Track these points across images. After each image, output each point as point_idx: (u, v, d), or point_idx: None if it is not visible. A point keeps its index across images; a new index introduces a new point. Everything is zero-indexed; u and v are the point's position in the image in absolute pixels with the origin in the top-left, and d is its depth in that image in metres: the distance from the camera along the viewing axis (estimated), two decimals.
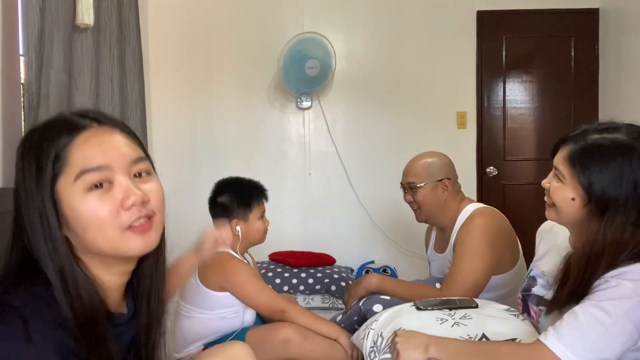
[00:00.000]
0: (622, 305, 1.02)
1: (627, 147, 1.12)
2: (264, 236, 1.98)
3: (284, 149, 3.52)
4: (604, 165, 1.12)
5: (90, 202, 0.78)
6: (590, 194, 1.13)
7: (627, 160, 1.11)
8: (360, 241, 3.48)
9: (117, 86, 2.52)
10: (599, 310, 1.03)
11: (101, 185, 0.79)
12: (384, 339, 1.38)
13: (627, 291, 1.03)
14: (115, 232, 0.80)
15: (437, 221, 2.00)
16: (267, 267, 2.95)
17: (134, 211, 0.81)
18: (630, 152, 1.11)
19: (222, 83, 3.47)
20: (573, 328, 1.04)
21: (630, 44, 3.16)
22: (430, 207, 1.94)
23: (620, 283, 1.05)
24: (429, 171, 1.94)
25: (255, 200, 1.93)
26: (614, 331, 1.02)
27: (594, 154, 1.14)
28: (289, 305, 1.83)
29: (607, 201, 1.11)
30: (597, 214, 1.13)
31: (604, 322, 1.02)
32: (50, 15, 2.08)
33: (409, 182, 1.96)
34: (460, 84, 3.51)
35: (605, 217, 1.11)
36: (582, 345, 1.02)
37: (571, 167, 1.16)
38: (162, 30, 3.40)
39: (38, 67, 2.05)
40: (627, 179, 1.10)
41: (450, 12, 3.48)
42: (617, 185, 1.11)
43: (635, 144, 1.13)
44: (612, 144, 1.13)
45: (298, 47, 3.22)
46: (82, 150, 0.79)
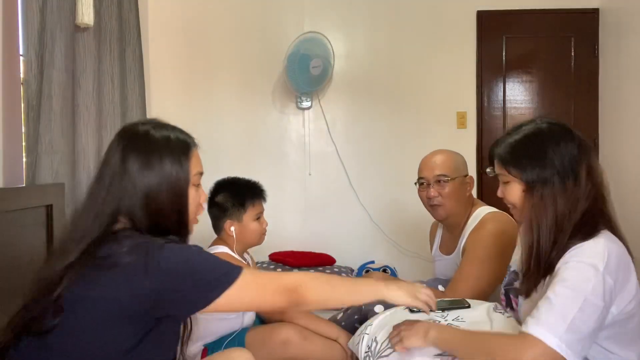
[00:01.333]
0: (588, 284, 1.10)
1: (536, 131, 1.28)
2: (260, 238, 1.95)
3: (284, 149, 3.52)
4: (526, 152, 1.26)
5: (192, 193, 1.18)
6: (527, 180, 1.25)
7: (539, 140, 1.25)
8: (360, 241, 3.48)
9: (117, 86, 2.53)
10: (568, 290, 1.11)
11: (198, 185, 1.21)
12: (378, 343, 1.39)
13: (588, 272, 1.12)
14: (193, 216, 1.21)
15: (454, 220, 1.94)
16: (267, 267, 2.95)
17: (202, 207, 1.25)
18: (541, 133, 1.27)
19: (222, 83, 3.47)
20: (549, 312, 1.10)
21: (630, 44, 3.16)
22: (455, 202, 1.89)
23: (580, 261, 1.14)
24: (457, 165, 1.91)
25: (250, 200, 1.90)
26: (587, 309, 1.09)
27: (516, 147, 1.28)
28: None
29: (541, 180, 1.23)
30: (539, 197, 1.23)
31: (576, 300, 1.09)
32: (51, 15, 2.08)
33: (438, 174, 1.89)
34: (460, 84, 3.51)
35: (542, 195, 1.22)
36: (561, 326, 1.08)
37: (504, 167, 1.29)
38: (162, 30, 3.40)
39: (38, 67, 2.05)
40: (549, 156, 1.22)
41: (450, 12, 3.48)
42: (543, 163, 1.23)
43: (541, 125, 1.28)
44: (523, 135, 1.29)
45: (302, 47, 3.22)
46: (195, 159, 1.19)
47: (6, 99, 1.92)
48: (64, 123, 2.15)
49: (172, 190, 1.12)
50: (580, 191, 1.21)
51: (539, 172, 1.23)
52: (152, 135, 1.14)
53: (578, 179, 1.21)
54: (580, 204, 1.20)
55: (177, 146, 1.15)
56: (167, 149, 1.13)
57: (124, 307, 1.01)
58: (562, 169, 1.21)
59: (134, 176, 1.10)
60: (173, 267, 1.03)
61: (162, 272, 1.01)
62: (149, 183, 1.10)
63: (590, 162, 1.24)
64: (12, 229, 1.69)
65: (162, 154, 1.12)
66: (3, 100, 1.90)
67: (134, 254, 1.02)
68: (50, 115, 2.07)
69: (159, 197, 1.11)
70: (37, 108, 2.05)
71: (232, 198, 1.90)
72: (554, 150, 1.23)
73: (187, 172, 1.14)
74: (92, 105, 2.33)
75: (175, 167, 1.12)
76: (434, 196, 1.90)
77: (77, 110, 2.27)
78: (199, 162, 1.20)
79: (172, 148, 1.14)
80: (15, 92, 2.02)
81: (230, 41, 3.47)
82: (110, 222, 1.09)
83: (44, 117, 2.06)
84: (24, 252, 1.76)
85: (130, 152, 1.11)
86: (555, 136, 1.25)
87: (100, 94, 2.41)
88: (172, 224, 1.13)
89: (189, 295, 1.04)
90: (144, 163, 1.10)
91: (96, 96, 2.36)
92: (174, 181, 1.12)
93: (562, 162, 1.22)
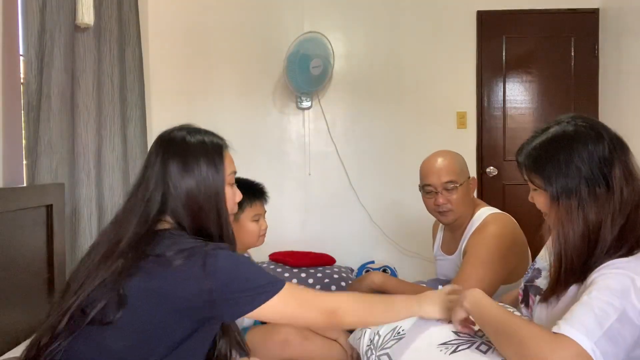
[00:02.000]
0: (627, 297, 1.02)
1: (561, 134, 1.17)
2: (258, 239, 1.92)
3: (284, 149, 3.52)
4: (549, 159, 1.16)
5: (228, 192, 1.26)
6: (553, 193, 1.15)
7: (564, 144, 1.15)
8: (360, 241, 3.48)
9: (117, 86, 2.53)
10: (607, 298, 1.03)
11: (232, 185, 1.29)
12: (381, 336, 1.38)
13: (627, 282, 1.04)
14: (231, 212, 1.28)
15: (459, 221, 1.90)
16: (267, 267, 2.95)
17: (237, 207, 1.34)
18: (565, 137, 1.16)
19: (222, 83, 3.47)
20: (586, 315, 1.02)
21: (630, 44, 3.16)
22: (463, 207, 1.85)
23: (618, 273, 1.06)
24: (462, 168, 1.87)
25: (248, 201, 1.86)
26: (624, 321, 1.01)
27: (539, 154, 1.19)
28: None
29: (567, 191, 1.13)
30: (565, 209, 1.14)
31: (615, 310, 1.01)
32: (51, 15, 2.08)
33: (447, 181, 1.83)
34: (460, 84, 3.51)
35: (568, 207, 1.13)
36: (598, 331, 1.00)
37: (531, 177, 1.22)
38: (162, 30, 3.40)
39: (38, 67, 2.05)
40: (575, 162, 1.12)
41: (450, 12, 3.48)
42: (567, 172, 1.13)
43: (567, 128, 1.17)
44: (546, 139, 1.19)
45: (302, 47, 3.22)
46: (228, 159, 1.27)
47: (6, 99, 1.92)
48: (64, 123, 2.15)
49: (210, 190, 1.20)
50: (615, 198, 1.10)
51: (563, 181, 1.13)
52: (189, 140, 1.24)
53: (611, 184, 1.11)
54: (617, 214, 1.10)
55: (211, 149, 1.23)
56: (203, 152, 1.22)
57: (182, 303, 1.08)
58: (590, 176, 1.11)
59: (175, 179, 1.19)
60: (229, 269, 1.11)
61: (220, 272, 1.09)
62: (189, 185, 1.18)
63: (626, 163, 1.13)
64: (12, 229, 1.69)
65: (198, 157, 1.21)
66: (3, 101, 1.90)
67: (191, 255, 1.09)
68: (50, 115, 2.07)
69: (199, 197, 1.19)
70: (36, 108, 2.05)
71: None
72: (580, 155, 1.12)
73: (222, 172, 1.23)
74: (91, 105, 2.33)
75: (211, 169, 1.21)
76: (443, 203, 1.84)
77: (76, 111, 2.27)
78: (232, 162, 1.29)
79: (207, 151, 1.22)
80: (15, 92, 2.02)
81: (230, 41, 3.47)
82: (155, 222, 1.17)
83: (44, 117, 2.06)
84: (24, 252, 1.76)
85: (169, 157, 1.20)
86: (582, 138, 1.14)
87: (100, 94, 2.41)
88: (212, 222, 1.20)
89: (240, 298, 1.10)
90: (183, 167, 1.19)
91: (96, 96, 2.36)
92: (211, 182, 1.20)
93: (589, 167, 1.11)
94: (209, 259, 1.09)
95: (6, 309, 1.65)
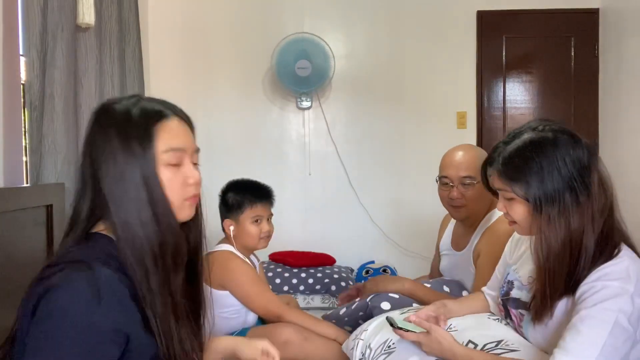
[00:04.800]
0: (616, 307, 1.03)
1: (541, 140, 1.14)
2: (259, 242, 1.92)
3: (284, 149, 3.52)
4: (530, 166, 1.12)
5: (168, 173, 0.96)
6: (535, 201, 1.13)
7: (545, 151, 1.12)
8: (360, 241, 3.48)
9: (117, 86, 2.53)
10: (597, 315, 1.04)
11: (178, 164, 0.99)
12: (372, 350, 1.39)
13: (615, 290, 1.04)
14: (178, 200, 0.99)
15: (474, 220, 1.88)
16: (267, 267, 2.95)
17: (192, 189, 1.02)
18: (545, 142, 1.13)
19: (222, 83, 3.47)
20: (577, 340, 1.03)
21: (630, 44, 3.15)
22: (477, 204, 1.82)
23: (606, 284, 1.06)
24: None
25: (249, 202, 1.89)
26: (617, 333, 1.02)
27: (513, 164, 1.15)
28: (286, 311, 1.82)
29: (550, 199, 1.11)
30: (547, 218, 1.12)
31: (606, 325, 1.02)
32: (52, 15, 2.07)
33: (465, 176, 1.80)
34: (460, 84, 3.51)
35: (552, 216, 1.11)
36: (593, 353, 1.02)
37: (506, 184, 1.17)
38: (162, 30, 3.40)
39: (41, 67, 2.04)
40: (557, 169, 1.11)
41: (450, 12, 3.48)
42: (550, 178, 1.11)
43: (545, 134, 1.14)
44: (523, 146, 1.15)
45: (291, 47, 3.23)
46: (169, 131, 0.98)
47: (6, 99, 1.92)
48: (67, 123, 2.14)
49: (131, 176, 0.92)
50: (594, 205, 1.10)
51: (545, 188, 1.10)
52: (115, 110, 0.96)
53: (591, 191, 1.10)
54: (597, 220, 1.10)
55: (136, 121, 0.95)
56: (123, 126, 0.94)
57: None
58: (573, 182, 1.10)
59: (89, 165, 0.94)
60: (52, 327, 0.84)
61: (41, 323, 0.85)
62: (105, 172, 0.92)
63: (599, 169, 1.13)
64: (12, 229, 1.69)
65: (115, 132, 0.93)
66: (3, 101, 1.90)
67: (34, 287, 0.88)
68: (53, 116, 2.07)
69: (118, 188, 0.92)
70: (39, 108, 2.05)
71: (233, 198, 1.91)
72: (562, 161, 1.10)
73: (150, 151, 0.94)
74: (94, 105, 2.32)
75: (129, 148, 0.92)
76: (457, 197, 1.81)
77: (79, 111, 2.27)
78: (176, 135, 0.99)
79: (129, 124, 0.94)
80: (15, 92, 2.02)
81: (230, 41, 3.47)
82: (88, 222, 0.96)
83: (47, 117, 2.06)
84: (24, 252, 1.75)
85: (93, 135, 0.96)
86: (563, 144, 1.12)
87: (101, 94, 2.41)
88: (148, 220, 0.92)
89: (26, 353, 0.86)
90: (103, 146, 0.93)
91: (98, 96, 2.36)
92: (131, 165, 0.92)
93: (571, 174, 1.10)
94: (43, 302, 0.84)
95: (6, 309, 1.65)
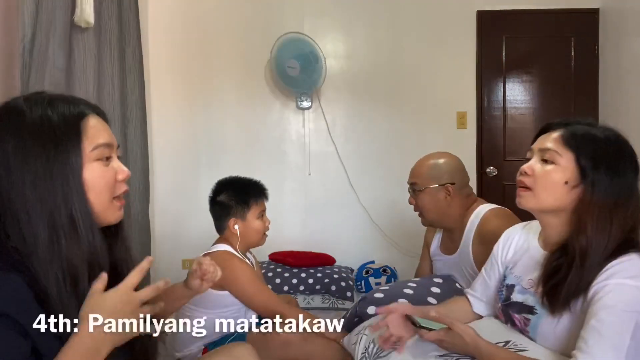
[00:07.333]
0: (634, 304, 1.03)
1: (617, 140, 1.17)
2: (262, 238, 1.96)
3: (284, 149, 3.52)
4: (600, 150, 1.14)
5: (96, 170, 0.93)
6: (586, 175, 1.14)
7: (620, 152, 1.15)
8: (360, 241, 3.48)
9: (117, 86, 2.53)
10: (616, 317, 1.03)
11: (106, 159, 0.96)
12: (376, 344, 1.37)
13: (631, 290, 1.04)
14: (108, 198, 0.95)
15: (443, 225, 1.93)
16: (267, 267, 2.95)
17: (123, 185, 0.98)
18: (621, 145, 1.16)
19: (222, 83, 3.47)
20: (601, 344, 1.02)
21: (630, 44, 3.15)
22: (430, 212, 1.87)
23: (620, 283, 1.05)
24: (432, 174, 1.86)
25: (254, 198, 1.92)
26: (638, 333, 1.02)
27: (590, 138, 1.16)
28: (286, 309, 1.82)
29: (600, 185, 1.12)
30: (588, 199, 1.13)
31: (627, 327, 1.02)
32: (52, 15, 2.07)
33: (411, 182, 1.91)
34: (460, 84, 3.51)
35: (596, 201, 1.12)
36: (617, 357, 1.01)
37: (568, 147, 1.16)
38: (162, 30, 3.39)
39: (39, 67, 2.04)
40: (621, 169, 1.13)
41: (450, 12, 3.48)
42: (614, 173, 1.13)
43: (621, 138, 1.18)
44: (605, 135, 1.17)
45: (285, 45, 3.24)
46: (93, 128, 0.94)
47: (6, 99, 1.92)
48: None
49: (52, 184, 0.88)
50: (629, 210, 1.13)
51: (612, 177, 1.12)
52: (23, 112, 0.91)
53: (632, 199, 1.14)
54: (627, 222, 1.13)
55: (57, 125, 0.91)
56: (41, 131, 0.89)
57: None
58: (630, 184, 1.14)
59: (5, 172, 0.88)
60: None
61: None
62: (16, 180, 0.87)
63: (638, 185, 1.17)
64: None
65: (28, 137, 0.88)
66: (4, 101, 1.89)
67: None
68: None
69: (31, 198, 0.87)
70: None
71: (235, 196, 1.91)
72: (630, 168, 1.15)
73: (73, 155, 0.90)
74: None
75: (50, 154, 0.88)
76: (411, 203, 1.92)
77: None
78: (100, 131, 0.95)
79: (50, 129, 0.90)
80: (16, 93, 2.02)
81: (230, 41, 3.47)
82: None
83: None
84: None
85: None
86: (632, 157, 1.16)
87: (100, 94, 2.41)
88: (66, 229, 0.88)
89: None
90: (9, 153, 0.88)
91: (96, 96, 2.36)
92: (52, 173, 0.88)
93: (630, 182, 1.15)
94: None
95: None
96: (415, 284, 1.86)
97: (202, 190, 2.17)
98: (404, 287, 1.82)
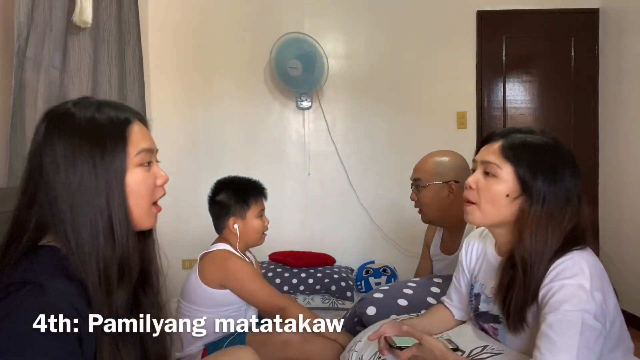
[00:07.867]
0: (577, 303, 1.04)
1: (554, 146, 1.17)
2: (261, 237, 1.96)
3: (284, 149, 3.52)
4: (538, 160, 1.14)
5: (139, 175, 0.95)
6: (525, 186, 1.14)
7: (558, 158, 1.15)
8: (360, 241, 3.48)
9: (116, 86, 2.52)
10: (563, 318, 1.04)
11: (147, 164, 0.98)
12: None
13: (572, 289, 1.05)
14: (148, 203, 0.98)
15: (443, 223, 1.93)
16: (267, 267, 2.95)
17: (161, 189, 1.01)
18: (559, 151, 1.17)
19: (222, 83, 3.47)
20: (552, 349, 1.03)
21: (630, 44, 3.16)
22: (432, 209, 1.87)
23: (563, 284, 1.06)
24: (436, 171, 1.86)
25: (253, 197, 1.92)
26: (587, 332, 1.03)
27: (528, 149, 1.16)
28: (288, 302, 1.83)
29: (538, 195, 1.13)
30: (527, 210, 1.13)
31: (574, 327, 1.03)
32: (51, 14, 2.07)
33: (415, 178, 1.89)
34: (460, 84, 3.51)
35: (534, 212, 1.12)
36: (568, 357, 1.02)
37: (506, 159, 1.17)
38: (162, 30, 3.40)
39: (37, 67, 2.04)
40: (559, 175, 1.13)
41: (450, 12, 3.48)
42: (551, 180, 1.13)
43: (558, 144, 1.18)
44: (542, 143, 1.17)
45: (286, 45, 3.24)
46: (137, 133, 0.96)
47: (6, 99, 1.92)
48: None
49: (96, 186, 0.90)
50: (567, 214, 1.13)
51: (547, 185, 1.12)
52: (72, 114, 0.92)
53: (571, 202, 1.14)
54: (567, 225, 1.13)
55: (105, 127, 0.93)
56: (89, 133, 0.91)
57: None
58: (567, 191, 1.13)
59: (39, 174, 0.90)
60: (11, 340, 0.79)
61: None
62: (63, 181, 0.89)
63: (580, 192, 1.16)
64: None
65: (76, 139, 0.90)
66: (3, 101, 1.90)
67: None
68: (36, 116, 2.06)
69: (77, 199, 0.89)
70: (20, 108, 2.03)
71: (235, 196, 1.91)
72: (568, 173, 1.14)
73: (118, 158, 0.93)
74: None
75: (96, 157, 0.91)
76: (413, 199, 1.91)
77: None
78: (143, 137, 0.97)
79: (98, 131, 0.92)
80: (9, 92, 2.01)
81: (230, 41, 3.47)
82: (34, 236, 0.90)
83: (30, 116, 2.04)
84: None
85: (43, 139, 0.91)
86: (570, 161, 1.16)
87: (98, 94, 2.41)
88: (105, 231, 0.91)
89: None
90: (57, 154, 0.90)
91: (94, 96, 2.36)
92: (96, 176, 0.90)
93: (568, 187, 1.14)
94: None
95: None
96: (415, 284, 1.86)
97: (201, 190, 2.17)
98: (403, 287, 1.82)
